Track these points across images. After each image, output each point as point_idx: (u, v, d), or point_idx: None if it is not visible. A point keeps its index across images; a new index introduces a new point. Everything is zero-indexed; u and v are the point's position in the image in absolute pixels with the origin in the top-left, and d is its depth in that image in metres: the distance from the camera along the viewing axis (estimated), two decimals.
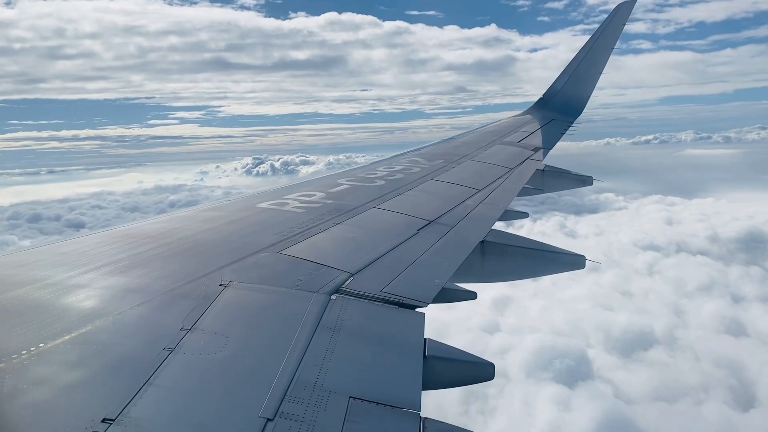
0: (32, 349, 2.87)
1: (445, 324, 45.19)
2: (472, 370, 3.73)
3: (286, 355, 3.12)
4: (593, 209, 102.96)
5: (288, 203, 6.34)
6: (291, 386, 2.83)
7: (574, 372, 41.08)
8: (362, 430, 2.63)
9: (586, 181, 10.93)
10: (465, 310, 49.04)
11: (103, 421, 2.37)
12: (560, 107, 15.08)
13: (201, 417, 2.55)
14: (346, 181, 7.80)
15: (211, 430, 2.45)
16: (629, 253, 69.54)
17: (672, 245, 72.83)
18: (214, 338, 3.19)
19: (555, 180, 10.44)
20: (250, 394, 2.74)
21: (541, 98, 15.93)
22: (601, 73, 14.70)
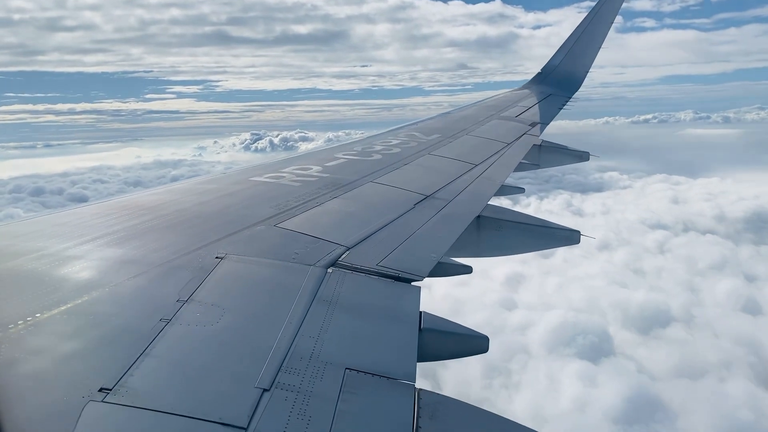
0: (29, 319, 2.88)
1: (460, 301, 45.39)
2: (467, 343, 3.76)
3: (282, 327, 3.13)
4: (598, 188, 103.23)
5: (284, 177, 6.32)
6: (287, 357, 2.85)
7: (596, 348, 41.01)
8: (358, 400, 2.65)
9: (582, 156, 10.92)
10: (479, 288, 49.28)
11: (100, 390, 2.39)
12: (558, 82, 15.00)
13: (197, 387, 2.57)
14: (343, 155, 7.77)
15: (208, 401, 2.47)
16: (638, 231, 69.39)
17: (679, 224, 72.86)
18: (210, 310, 3.21)
19: (552, 155, 10.42)
20: (246, 364, 2.76)
21: (539, 73, 15.83)
22: (599, 48, 14.60)
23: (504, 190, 7.52)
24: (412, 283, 4.07)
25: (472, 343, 3.76)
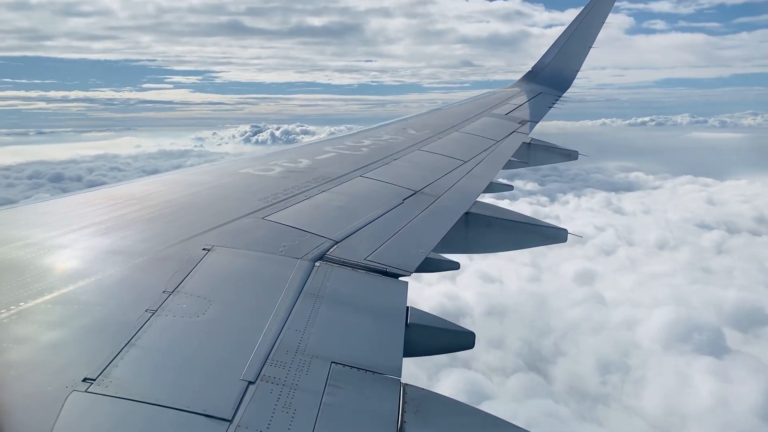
0: (12, 308, 2.85)
1: (543, 299, 45.86)
2: (453, 338, 3.79)
3: (268, 319, 3.13)
4: (628, 187, 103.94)
5: (273, 170, 6.30)
6: (273, 350, 2.84)
7: (713, 344, 40.48)
8: (344, 394, 2.66)
9: (571, 155, 10.97)
10: (557, 284, 49.62)
11: (84, 380, 2.37)
12: (549, 81, 15.05)
13: (182, 379, 2.56)
14: (332, 148, 7.76)
15: (193, 392, 2.46)
16: (689, 231, 69.32)
17: (721, 225, 72.51)
18: (196, 301, 3.19)
19: (541, 153, 10.47)
20: (232, 357, 2.76)
21: (530, 71, 15.88)
22: (590, 48, 14.66)
23: (493, 187, 7.54)
24: (400, 278, 4.08)
25: (458, 339, 3.79)
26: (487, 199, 7.10)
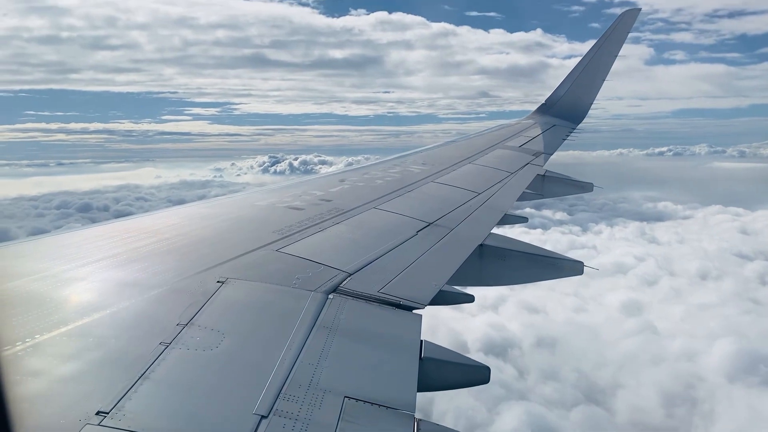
0: (28, 340, 2.87)
1: (593, 330, 45.08)
2: (468, 373, 3.73)
3: (282, 352, 3.11)
4: (658, 217, 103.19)
5: (288, 202, 6.34)
6: (286, 384, 2.82)
7: None
8: (357, 429, 2.63)
9: (585, 187, 10.93)
10: (604, 314, 49.04)
11: (97, 413, 2.37)
12: (563, 113, 15.09)
13: (195, 412, 2.54)
14: (347, 181, 7.80)
15: (206, 426, 2.44)
16: (730, 261, 67.88)
17: (759, 255, 70.88)
18: (210, 334, 3.19)
19: (555, 185, 10.45)
20: (245, 390, 2.74)
21: (543, 103, 15.94)
22: (603, 80, 14.71)
23: (507, 219, 7.52)
24: (414, 311, 4.05)
25: (472, 374, 3.73)
26: (502, 231, 7.07)
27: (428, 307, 4.17)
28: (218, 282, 3.87)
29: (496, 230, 6.58)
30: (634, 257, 66.73)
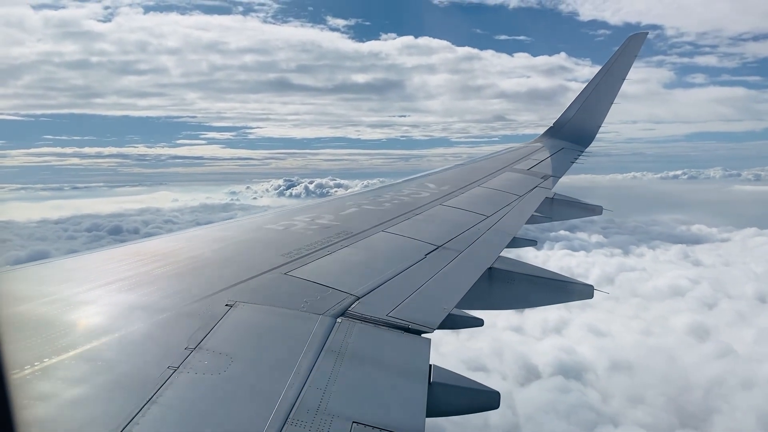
0: (36, 364, 2.87)
1: (667, 353, 44.59)
2: (478, 398, 3.69)
3: (289, 377, 3.10)
4: (695, 240, 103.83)
5: (296, 225, 6.35)
6: (294, 409, 2.80)
7: None
8: None
9: (595, 210, 10.91)
10: (673, 337, 48.83)
11: None
12: (571, 136, 15.11)
13: None
14: (355, 203, 7.82)
15: None
16: None
17: None
18: (218, 358, 3.18)
19: (564, 208, 10.43)
20: (252, 415, 2.72)
21: (551, 126, 15.98)
22: (611, 103, 14.75)
23: (517, 242, 7.50)
24: (422, 335, 4.03)
25: (482, 399, 3.69)
26: (511, 254, 7.04)
27: (483, 329, 4.12)
28: (227, 305, 3.87)
29: (505, 253, 6.56)
30: (688, 280, 67.07)
